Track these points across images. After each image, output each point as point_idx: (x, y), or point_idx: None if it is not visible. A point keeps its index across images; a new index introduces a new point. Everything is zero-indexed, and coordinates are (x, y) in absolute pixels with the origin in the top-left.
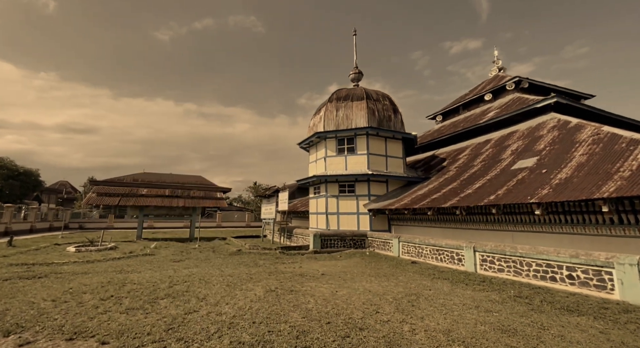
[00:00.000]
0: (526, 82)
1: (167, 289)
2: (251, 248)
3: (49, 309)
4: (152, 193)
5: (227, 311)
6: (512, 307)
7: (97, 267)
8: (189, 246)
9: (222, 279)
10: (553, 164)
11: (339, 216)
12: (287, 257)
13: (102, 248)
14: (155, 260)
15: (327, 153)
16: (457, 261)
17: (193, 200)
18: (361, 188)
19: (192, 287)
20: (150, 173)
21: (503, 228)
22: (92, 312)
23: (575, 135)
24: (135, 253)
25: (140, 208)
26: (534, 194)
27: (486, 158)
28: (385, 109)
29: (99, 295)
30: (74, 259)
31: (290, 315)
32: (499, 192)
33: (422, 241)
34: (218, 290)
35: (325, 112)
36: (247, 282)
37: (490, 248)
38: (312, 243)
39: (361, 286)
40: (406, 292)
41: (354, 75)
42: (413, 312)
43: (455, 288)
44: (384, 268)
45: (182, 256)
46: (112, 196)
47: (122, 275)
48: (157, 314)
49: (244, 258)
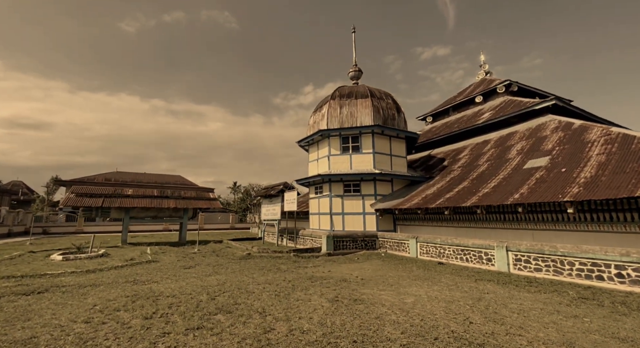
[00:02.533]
0: (515, 86)
1: (211, 302)
2: (261, 252)
3: (89, 333)
4: (138, 193)
5: (310, 327)
6: (591, 310)
7: (103, 278)
8: (187, 250)
9: (262, 287)
10: (569, 163)
11: (344, 217)
12: (304, 260)
13: (93, 256)
14: (163, 268)
15: (331, 151)
16: (486, 261)
17: (184, 201)
18: (367, 187)
19: (238, 299)
20: (124, 172)
21: (523, 227)
22: (146, 335)
23: (584, 135)
24: (136, 260)
25: (127, 209)
26: (565, 193)
27: (491, 158)
28: (389, 107)
29: (137, 312)
30: (69, 269)
31: (385, 330)
32: (522, 191)
33: (445, 241)
34: (270, 301)
35: (329, 110)
36: (294, 290)
37: (526, 248)
38: (325, 245)
39: (417, 292)
40: (469, 296)
41: (354, 73)
42: (504, 320)
43: (509, 291)
44: (414, 270)
45: (190, 262)
46: (95, 197)
47: (141, 286)
48: (231, 335)
49: (260, 262)
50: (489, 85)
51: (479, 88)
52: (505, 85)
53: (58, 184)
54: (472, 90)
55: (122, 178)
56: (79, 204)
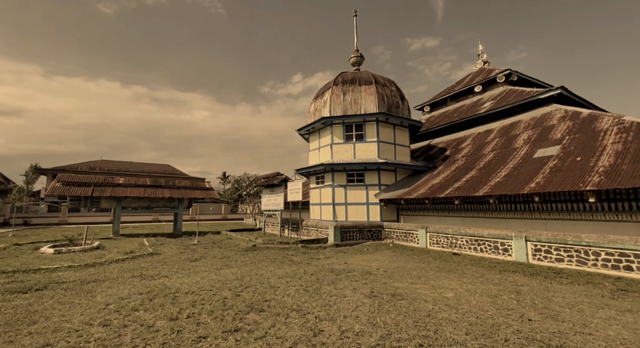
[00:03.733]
0: (515, 76)
1: (237, 299)
2: (266, 243)
3: (112, 339)
4: (131, 182)
5: (362, 328)
6: (639, 303)
7: (105, 272)
8: (185, 242)
9: (285, 281)
10: (583, 152)
11: (347, 207)
12: (314, 251)
13: (87, 248)
14: (167, 261)
15: (334, 139)
16: (503, 251)
17: (179, 191)
18: (371, 177)
19: (265, 295)
20: (109, 161)
21: (535, 217)
22: (180, 340)
23: (594, 124)
24: (136, 252)
25: (118, 199)
26: (586, 182)
27: (496, 147)
28: (393, 95)
29: (160, 312)
30: (64, 263)
31: (446, 331)
32: (537, 180)
33: (457, 231)
34: (301, 297)
35: (332, 96)
36: (321, 285)
37: (547, 238)
38: (333, 236)
39: (450, 284)
40: (506, 289)
41: (356, 58)
42: (561, 317)
43: (541, 283)
44: (432, 261)
45: (193, 254)
46: (84, 185)
47: (151, 281)
48: (278, 338)
49: (269, 254)
50: (489, 74)
51: (478, 77)
52: (505, 74)
53: (38, 173)
54: (470, 79)
55: (107, 167)
56: (66, 193)
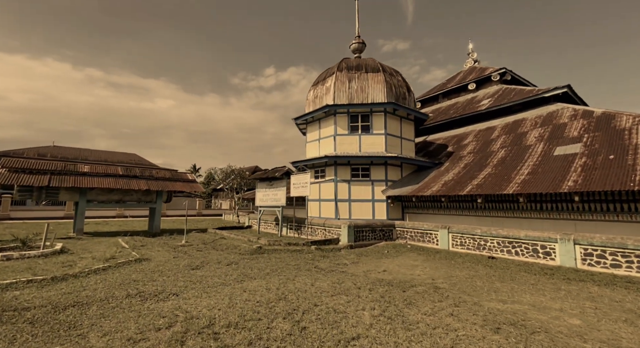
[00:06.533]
0: (509, 75)
1: (306, 334)
2: (272, 244)
3: None
4: (98, 170)
5: None
6: None
7: (86, 290)
8: (170, 242)
9: (343, 302)
10: (613, 150)
11: (350, 204)
12: (332, 255)
13: (48, 253)
14: (164, 269)
15: (337, 130)
16: (544, 255)
17: (158, 182)
18: (377, 172)
19: (339, 326)
20: (63, 147)
21: (563, 217)
22: None
23: (613, 123)
24: (118, 258)
25: (83, 191)
26: (636, 181)
27: (505, 144)
28: (400, 85)
29: None
30: (21, 276)
31: None
32: (573, 178)
33: (487, 232)
34: (389, 328)
35: (336, 82)
36: (397, 306)
37: (600, 241)
38: (346, 236)
39: (553, 304)
40: (616, 308)
41: (357, 45)
42: None
43: (637, 297)
44: (475, 267)
45: (192, 259)
46: (38, 173)
47: (160, 305)
48: None
49: (284, 258)
50: (483, 73)
51: (471, 75)
52: (500, 73)
53: None
54: (463, 77)
55: (61, 154)
56: (14, 182)
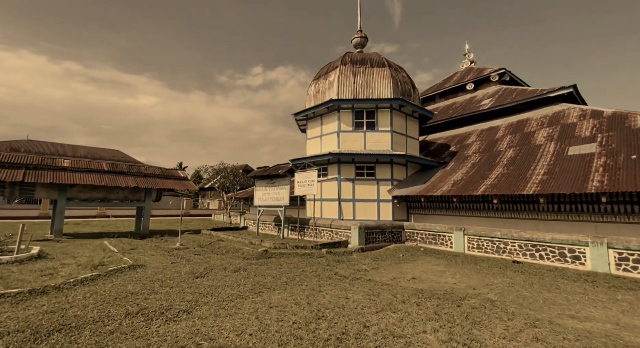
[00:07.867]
0: (508, 76)
1: None
2: (278, 247)
3: None
4: (80, 166)
5: None
6: None
7: (73, 307)
8: (163, 245)
9: (395, 321)
10: (632, 150)
11: (354, 204)
12: (346, 259)
13: (23, 258)
14: (164, 278)
15: (341, 126)
16: (572, 259)
17: (148, 180)
18: (382, 171)
19: None
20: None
21: (583, 219)
22: None
23: (627, 123)
24: (108, 264)
25: (62, 187)
26: None
27: (512, 144)
28: (405, 82)
29: None
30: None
31: None
32: (597, 178)
33: (508, 234)
34: None
35: (340, 77)
36: (463, 328)
37: (638, 245)
38: (357, 238)
39: (619, 319)
40: None
41: (359, 39)
42: None
43: None
44: (505, 273)
45: (193, 265)
46: (10, 167)
47: (171, 327)
48: None
49: (297, 263)
50: (481, 73)
51: (469, 76)
52: (499, 74)
53: None
54: (460, 77)
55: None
56: None
